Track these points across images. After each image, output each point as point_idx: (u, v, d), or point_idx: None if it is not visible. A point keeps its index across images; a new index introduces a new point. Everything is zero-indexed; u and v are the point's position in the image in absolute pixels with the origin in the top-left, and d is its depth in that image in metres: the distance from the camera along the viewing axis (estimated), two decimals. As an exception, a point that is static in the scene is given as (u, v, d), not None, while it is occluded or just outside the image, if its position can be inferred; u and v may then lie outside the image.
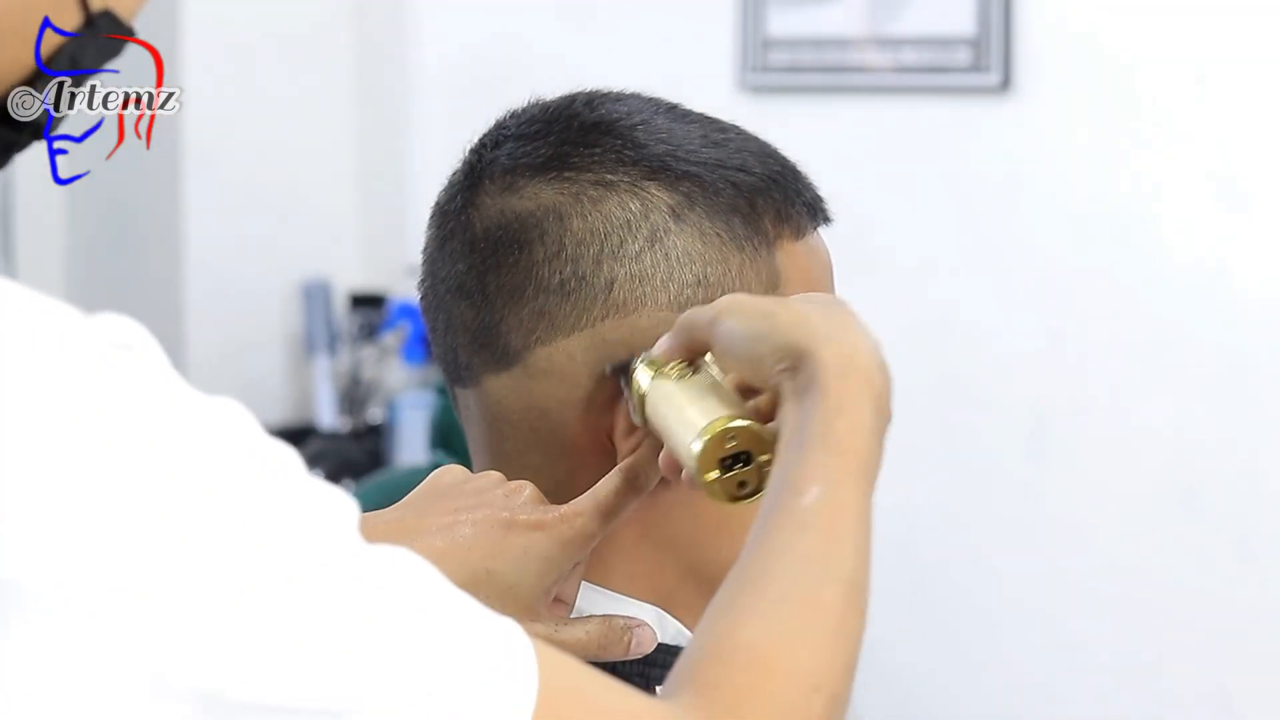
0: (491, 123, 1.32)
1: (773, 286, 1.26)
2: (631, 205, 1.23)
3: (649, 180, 1.24)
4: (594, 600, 1.26)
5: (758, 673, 1.01)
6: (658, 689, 1.29)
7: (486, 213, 1.26)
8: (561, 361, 1.23)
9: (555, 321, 1.23)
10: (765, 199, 1.26)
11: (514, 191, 1.25)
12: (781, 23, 3.27)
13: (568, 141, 1.26)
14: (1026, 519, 3.12)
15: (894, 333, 3.22)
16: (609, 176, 1.24)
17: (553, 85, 1.33)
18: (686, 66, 3.34)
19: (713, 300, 1.23)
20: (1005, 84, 3.08)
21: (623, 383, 1.21)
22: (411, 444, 3.60)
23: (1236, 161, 2.93)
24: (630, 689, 0.99)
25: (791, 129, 3.17)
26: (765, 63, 3.29)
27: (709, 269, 1.24)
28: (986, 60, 3.09)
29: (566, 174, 1.25)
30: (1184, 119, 2.97)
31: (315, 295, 3.80)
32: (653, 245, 1.23)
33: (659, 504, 1.25)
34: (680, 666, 1.02)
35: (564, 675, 0.96)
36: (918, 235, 3.20)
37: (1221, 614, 2.96)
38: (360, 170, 3.88)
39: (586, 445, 1.24)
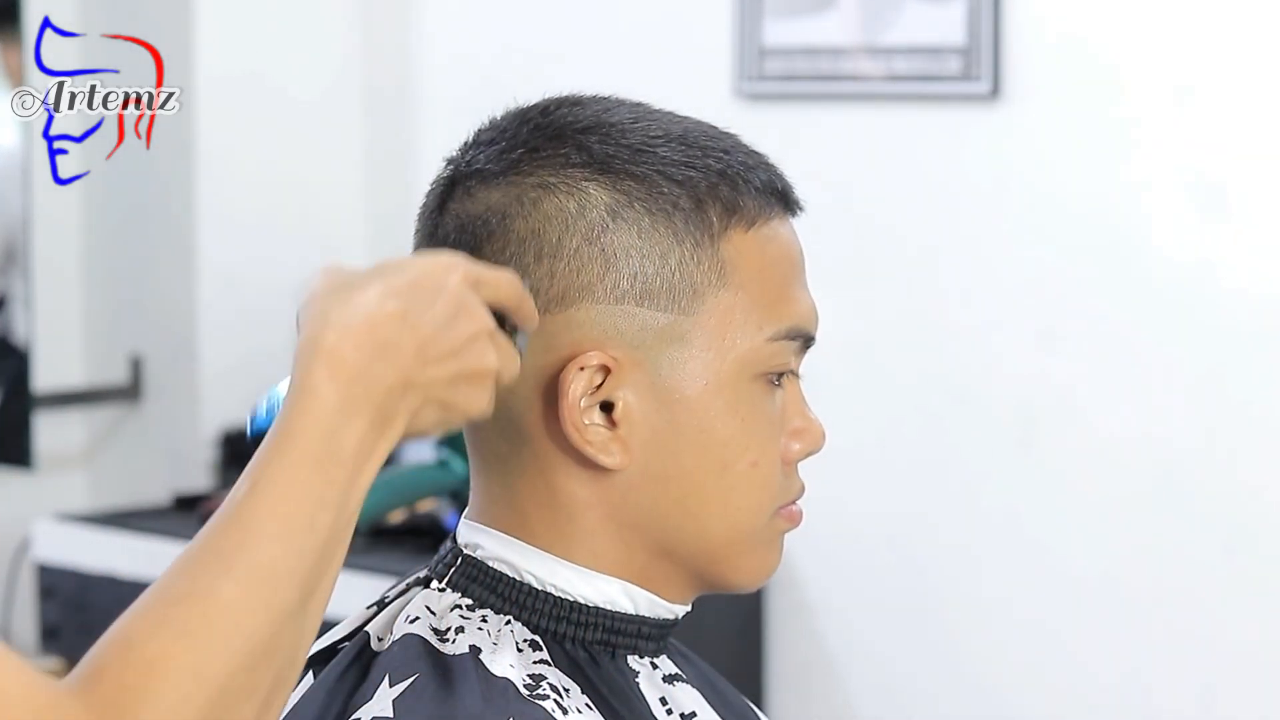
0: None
1: (721, 277, 1.31)
2: (568, 205, 1.30)
3: (588, 181, 1.30)
4: (556, 572, 1.31)
5: (141, 671, 1.04)
6: (627, 655, 1.36)
7: (448, 217, 1.33)
8: None
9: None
10: (711, 194, 1.31)
11: (470, 196, 1.32)
12: (777, 32, 3.30)
13: (519, 147, 1.32)
14: (1014, 519, 3.13)
15: (885, 335, 3.25)
16: (550, 179, 1.30)
17: (555, 92, 1.37)
18: (685, 74, 3.37)
19: (653, 295, 1.31)
20: (995, 92, 3.11)
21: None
22: (417, 443, 3.63)
23: (1221, 168, 2.95)
24: (27, 669, 1.03)
25: (787, 135, 3.22)
26: (761, 71, 3.33)
27: (646, 263, 1.29)
28: (976, 69, 3.12)
29: (512, 178, 1.31)
30: (1169, 126, 2.98)
31: (325, 299, 3.82)
32: (590, 242, 1.29)
33: (616, 487, 1.31)
34: (87, 655, 1.07)
35: None
36: (909, 239, 3.22)
37: (1206, 613, 2.98)
38: (369, 179, 3.91)
39: (540, 433, 1.30)
